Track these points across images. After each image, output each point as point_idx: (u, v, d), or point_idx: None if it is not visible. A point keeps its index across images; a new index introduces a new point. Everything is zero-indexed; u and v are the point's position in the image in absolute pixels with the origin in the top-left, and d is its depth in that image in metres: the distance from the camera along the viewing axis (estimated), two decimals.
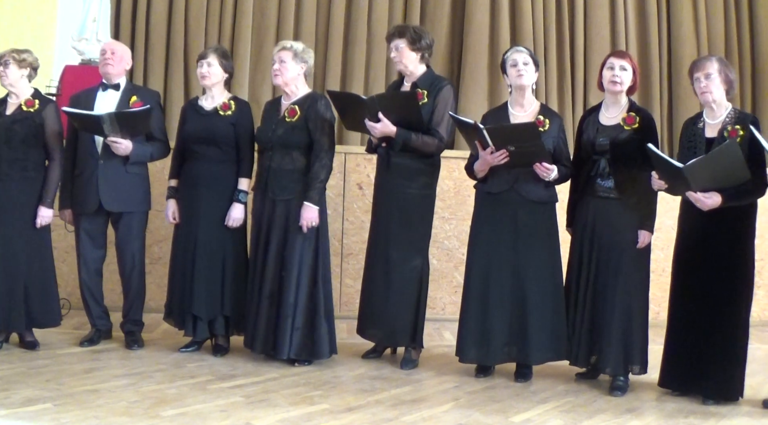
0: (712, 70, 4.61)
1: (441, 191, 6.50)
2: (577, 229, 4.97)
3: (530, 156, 4.74)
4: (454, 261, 6.68)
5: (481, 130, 4.73)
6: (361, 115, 5.04)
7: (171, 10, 8.47)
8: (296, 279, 5.05)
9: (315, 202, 5.04)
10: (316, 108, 5.11)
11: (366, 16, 8.50)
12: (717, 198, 4.38)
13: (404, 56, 5.21)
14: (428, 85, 5.20)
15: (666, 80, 8.68)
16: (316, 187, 5.06)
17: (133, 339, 5.46)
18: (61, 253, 6.57)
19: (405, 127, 5.01)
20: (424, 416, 4.23)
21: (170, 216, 5.42)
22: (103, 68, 5.46)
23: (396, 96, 5.15)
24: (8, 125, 5.20)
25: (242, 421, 4.02)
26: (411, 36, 5.20)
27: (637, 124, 4.80)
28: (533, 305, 4.89)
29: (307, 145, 5.10)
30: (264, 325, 5.10)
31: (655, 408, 4.56)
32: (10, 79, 5.28)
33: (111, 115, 5.12)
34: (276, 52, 5.21)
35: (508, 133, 4.77)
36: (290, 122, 5.11)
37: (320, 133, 5.08)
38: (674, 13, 8.67)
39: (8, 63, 5.26)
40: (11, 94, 5.33)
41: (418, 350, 5.30)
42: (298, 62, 5.17)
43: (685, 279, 4.71)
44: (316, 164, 5.06)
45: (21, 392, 4.34)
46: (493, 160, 4.79)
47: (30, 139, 5.22)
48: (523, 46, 5.17)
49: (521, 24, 8.46)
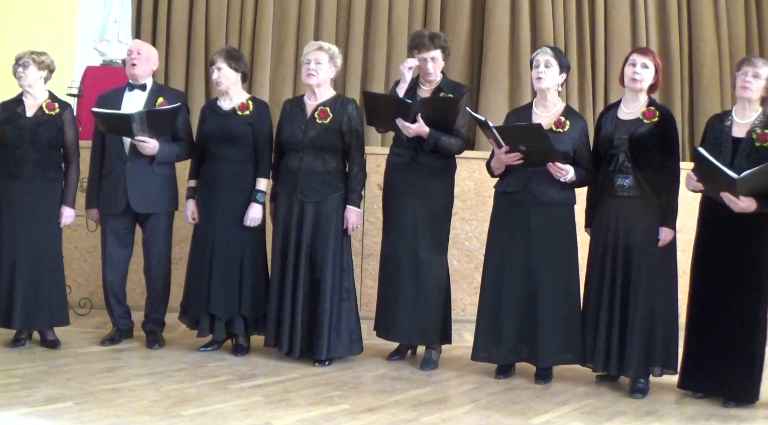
0: (762, 72, 4.57)
1: (461, 192, 6.52)
2: (596, 230, 4.93)
3: (542, 156, 4.74)
4: (474, 262, 6.65)
5: (492, 129, 4.75)
6: (393, 114, 5.05)
7: (191, 11, 8.50)
8: (330, 280, 5.08)
9: (358, 205, 5.15)
10: (348, 112, 5.15)
11: (386, 17, 8.48)
12: (752, 203, 4.33)
13: (439, 66, 5.26)
14: (451, 89, 5.28)
15: (687, 80, 8.62)
16: (357, 190, 5.15)
17: (154, 339, 5.49)
18: (82, 253, 6.61)
19: (434, 128, 5.05)
20: (444, 417, 4.23)
21: (189, 217, 5.44)
22: (130, 69, 5.48)
23: (438, 101, 5.17)
24: (33, 127, 5.23)
25: (262, 421, 4.03)
26: (443, 46, 5.27)
27: (657, 118, 4.76)
28: (545, 307, 4.88)
29: (339, 147, 5.14)
30: (301, 327, 5.11)
31: (676, 410, 4.54)
32: (29, 79, 5.31)
33: (141, 114, 5.14)
34: (311, 52, 5.20)
35: (515, 132, 4.79)
36: (322, 124, 5.13)
37: (355, 137, 5.14)
38: (695, 13, 8.61)
39: (28, 64, 5.29)
40: (27, 95, 5.35)
41: (438, 351, 5.31)
42: (331, 65, 5.20)
43: (705, 281, 4.69)
44: (355, 168, 5.15)
45: (43, 390, 4.37)
46: (507, 159, 4.81)
47: (53, 142, 5.28)
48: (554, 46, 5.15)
49: (542, 24, 8.43)
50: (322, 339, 5.08)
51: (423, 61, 5.22)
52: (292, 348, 5.13)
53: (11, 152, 5.22)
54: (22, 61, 5.31)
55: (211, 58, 5.46)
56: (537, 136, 4.68)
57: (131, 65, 5.46)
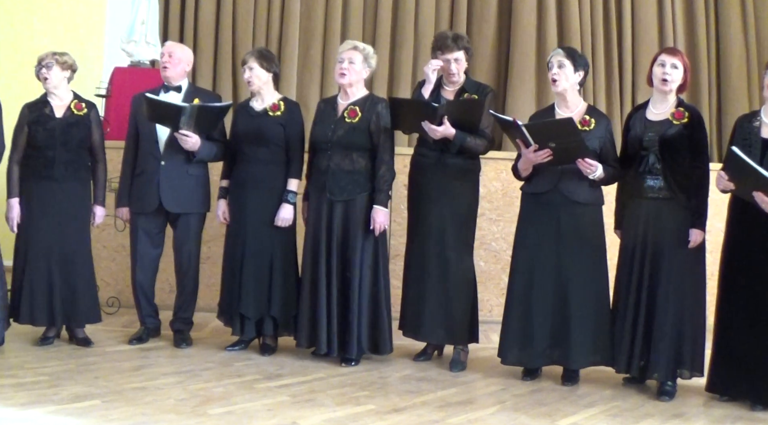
0: None
1: (488, 192, 6.51)
2: (626, 232, 4.91)
3: (572, 152, 4.72)
4: (501, 263, 6.64)
5: (520, 127, 4.73)
6: (419, 117, 5.04)
7: (219, 12, 8.54)
8: (359, 280, 5.09)
9: (385, 205, 5.11)
10: (377, 111, 5.13)
11: (413, 18, 8.49)
12: None
13: (462, 67, 5.26)
14: (475, 90, 5.28)
15: (714, 80, 8.56)
16: (384, 189, 5.12)
17: (182, 338, 5.52)
18: (110, 252, 6.66)
19: (459, 129, 5.05)
20: (470, 418, 4.22)
21: (221, 217, 5.47)
22: (162, 72, 5.51)
23: (464, 103, 5.16)
24: (64, 128, 5.27)
25: (288, 420, 4.04)
26: (466, 47, 5.27)
27: (687, 118, 4.73)
28: (576, 308, 4.86)
29: (367, 146, 5.13)
30: (334, 327, 5.12)
31: (703, 413, 4.51)
32: (53, 81, 5.33)
33: (194, 107, 5.16)
34: (345, 51, 5.20)
35: (546, 129, 4.76)
36: (351, 123, 5.13)
37: (384, 137, 5.12)
38: (722, 13, 8.55)
39: (51, 65, 5.32)
40: (52, 96, 5.38)
41: (466, 352, 5.31)
42: (365, 66, 5.20)
43: (733, 282, 4.65)
44: (383, 167, 5.12)
45: (70, 388, 4.40)
46: (535, 158, 4.78)
47: (83, 142, 5.32)
48: (568, 46, 5.13)
49: (569, 24, 8.40)
50: (352, 338, 5.09)
51: (446, 62, 5.21)
52: (331, 348, 5.14)
53: (43, 153, 5.25)
54: (44, 63, 5.33)
55: (243, 58, 5.48)
56: (568, 131, 4.66)
57: (163, 68, 5.50)
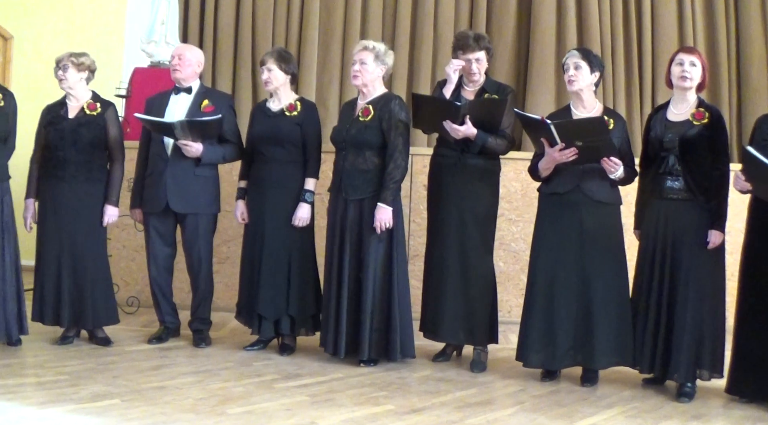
0: None
1: (508, 193, 6.50)
2: (645, 233, 4.88)
3: (597, 151, 4.70)
4: (520, 263, 6.62)
5: (549, 126, 4.69)
6: (440, 117, 5.04)
7: (238, 12, 8.57)
8: (372, 280, 5.06)
9: (389, 203, 5.04)
10: (389, 108, 5.09)
11: (432, 18, 8.51)
12: None
13: (483, 67, 5.25)
14: (495, 90, 5.27)
15: (734, 80, 8.51)
16: (390, 187, 5.04)
17: (200, 338, 5.53)
18: (130, 252, 6.69)
19: (480, 129, 5.04)
20: (489, 419, 4.21)
21: (239, 217, 5.49)
22: (173, 74, 5.54)
23: (486, 102, 5.15)
24: (74, 128, 5.29)
25: (307, 420, 4.04)
26: (487, 47, 5.26)
27: (707, 119, 4.71)
28: (599, 308, 4.83)
29: (380, 144, 5.09)
30: (346, 327, 5.11)
31: (723, 415, 4.48)
32: (69, 82, 5.37)
33: (183, 123, 5.20)
34: (357, 52, 5.20)
35: (575, 127, 4.73)
36: (363, 121, 5.12)
37: (395, 134, 5.07)
38: (742, 13, 8.50)
39: (67, 67, 5.35)
40: (70, 97, 5.42)
41: (486, 352, 5.30)
42: (378, 64, 5.16)
43: (754, 284, 4.61)
44: (391, 164, 5.06)
45: (89, 387, 4.42)
46: (560, 157, 4.75)
47: (95, 142, 5.32)
48: (583, 47, 5.11)
49: (588, 24, 8.38)
50: (363, 339, 5.07)
51: (468, 62, 5.20)
52: (337, 350, 5.13)
53: (54, 154, 5.29)
54: (61, 64, 5.38)
55: (262, 59, 5.50)
56: (598, 129, 4.64)
57: (173, 70, 5.53)
